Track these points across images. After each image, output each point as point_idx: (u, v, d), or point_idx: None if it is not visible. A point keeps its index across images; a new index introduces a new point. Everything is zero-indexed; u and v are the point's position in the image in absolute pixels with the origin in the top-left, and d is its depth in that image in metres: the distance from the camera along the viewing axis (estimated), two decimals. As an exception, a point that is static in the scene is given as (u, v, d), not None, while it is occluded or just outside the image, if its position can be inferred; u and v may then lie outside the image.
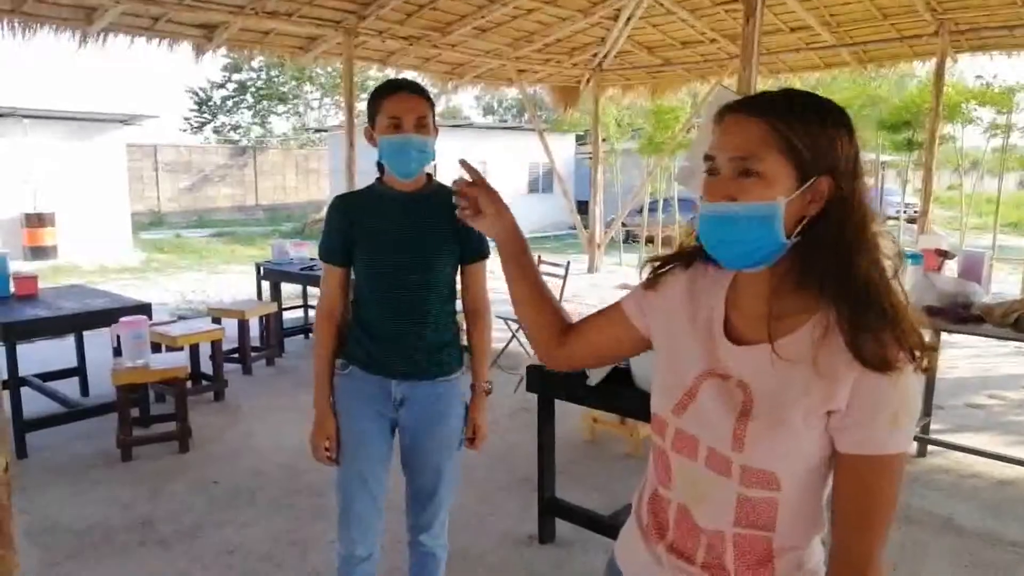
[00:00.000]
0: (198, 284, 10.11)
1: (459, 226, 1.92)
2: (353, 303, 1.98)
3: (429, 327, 1.91)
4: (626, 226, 13.89)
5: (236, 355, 5.49)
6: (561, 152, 17.80)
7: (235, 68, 28.61)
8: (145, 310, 4.21)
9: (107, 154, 13.84)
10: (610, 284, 9.87)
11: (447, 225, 1.88)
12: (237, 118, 30.84)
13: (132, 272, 11.48)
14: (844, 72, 9.13)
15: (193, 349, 4.80)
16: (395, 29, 7.48)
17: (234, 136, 30.29)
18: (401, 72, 8.47)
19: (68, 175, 13.13)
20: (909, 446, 0.92)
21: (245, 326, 5.41)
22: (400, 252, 1.87)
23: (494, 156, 18.70)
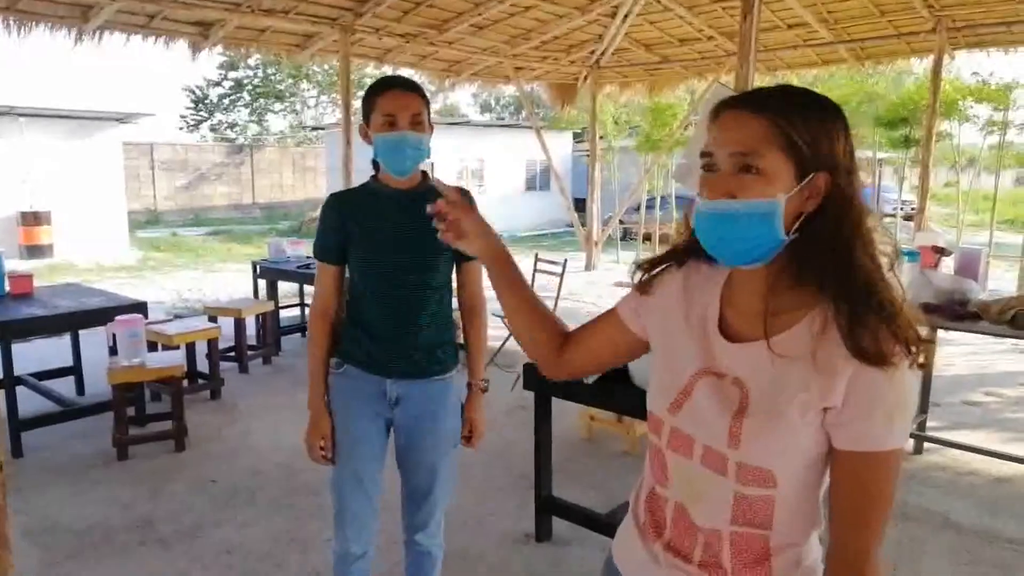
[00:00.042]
0: (194, 283, 10.09)
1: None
2: (349, 302, 1.97)
3: (427, 326, 1.91)
4: (623, 224, 13.89)
5: (232, 354, 5.49)
6: (558, 150, 17.79)
7: (231, 66, 28.54)
8: (141, 309, 4.21)
9: (103, 152, 13.80)
10: (607, 282, 9.87)
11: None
12: (234, 116, 30.81)
13: (128, 271, 11.46)
14: (841, 69, 9.14)
15: (189, 348, 4.80)
16: (392, 26, 7.46)
17: (231, 134, 30.24)
18: (398, 69, 8.45)
19: (64, 173, 13.10)
20: (905, 442, 0.92)
21: (241, 324, 5.40)
22: (399, 252, 1.86)
23: (491, 154, 18.69)
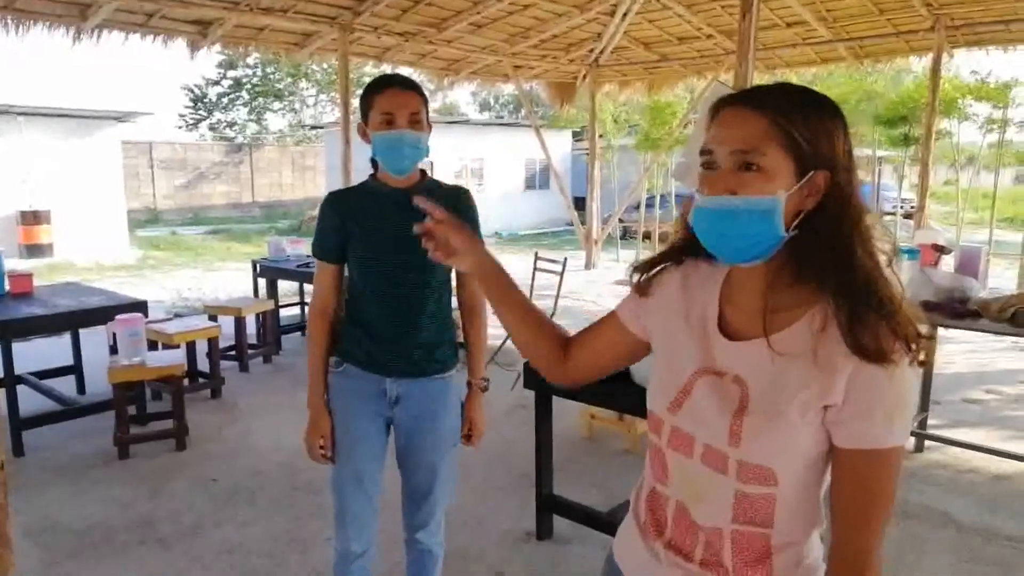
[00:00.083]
0: (194, 281, 10.08)
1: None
2: (348, 301, 1.96)
3: (427, 325, 1.91)
4: (623, 222, 13.88)
5: (233, 353, 5.49)
6: (558, 148, 17.78)
7: (230, 65, 28.50)
8: (141, 308, 4.21)
9: (103, 151, 13.79)
10: (607, 280, 9.87)
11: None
12: (233, 115, 30.76)
13: (128, 270, 11.46)
14: (840, 67, 9.13)
15: (190, 347, 4.81)
16: (391, 25, 7.45)
17: (230, 133, 30.20)
18: (397, 68, 8.44)
19: (64, 172, 13.08)
20: (906, 440, 0.92)
21: (242, 323, 5.40)
22: (398, 250, 1.85)
23: (491, 152, 18.67)
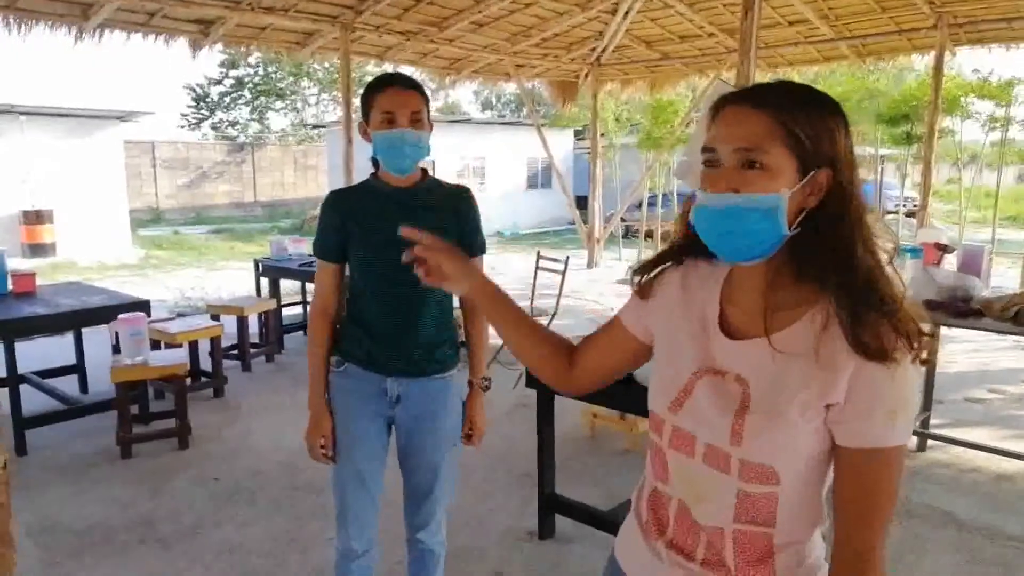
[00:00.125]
0: (197, 281, 10.09)
1: (455, 220, 1.91)
2: (349, 300, 1.96)
3: (428, 324, 1.90)
4: (625, 221, 13.87)
5: (235, 352, 5.49)
6: (560, 147, 17.77)
7: (232, 64, 28.54)
8: (144, 307, 4.22)
9: (105, 151, 13.80)
10: (609, 279, 9.87)
11: (443, 220, 1.88)
12: (235, 114, 30.81)
13: (131, 269, 11.47)
14: (843, 66, 9.11)
15: (192, 346, 4.81)
16: (392, 24, 7.45)
17: (232, 132, 30.24)
18: (399, 67, 8.44)
19: (66, 172, 13.10)
20: (908, 439, 0.92)
21: (244, 323, 5.40)
22: (400, 250, 1.84)
23: (492, 152, 18.66)
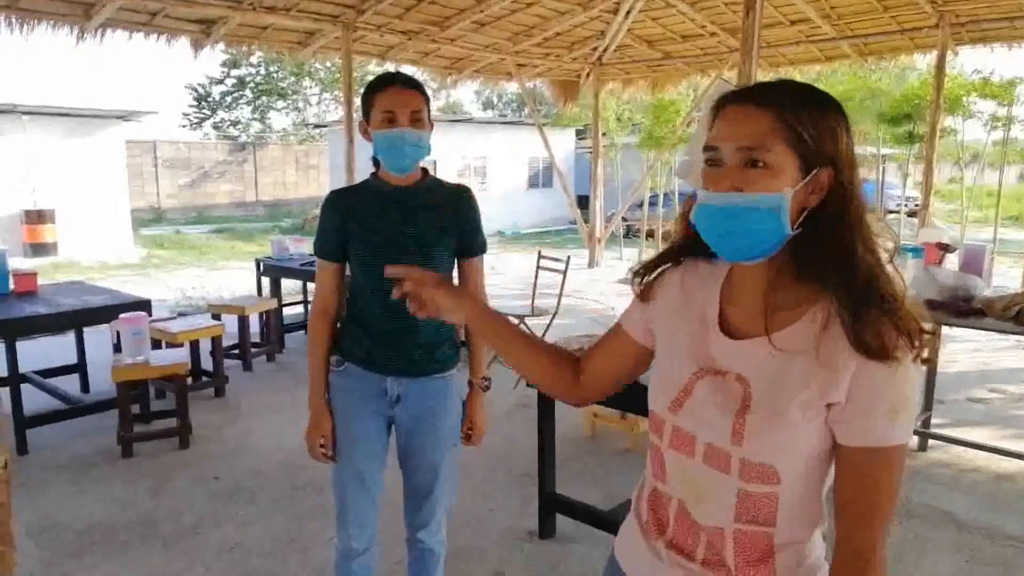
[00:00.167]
0: (198, 280, 10.10)
1: (455, 220, 1.91)
2: (349, 300, 1.96)
3: (428, 324, 1.89)
4: (626, 221, 13.86)
5: (236, 351, 5.50)
6: (561, 147, 17.77)
7: (234, 64, 28.55)
8: (145, 306, 4.22)
9: (106, 150, 13.81)
10: (610, 279, 9.85)
11: (444, 220, 1.88)
12: (236, 114, 30.81)
13: (132, 268, 11.48)
14: (844, 65, 9.10)
15: (193, 345, 4.81)
16: (394, 24, 7.45)
17: (233, 132, 30.24)
18: (400, 67, 8.44)
19: (68, 172, 13.11)
20: (909, 438, 0.92)
21: (245, 322, 5.41)
22: (399, 249, 1.85)
23: (494, 151, 18.66)
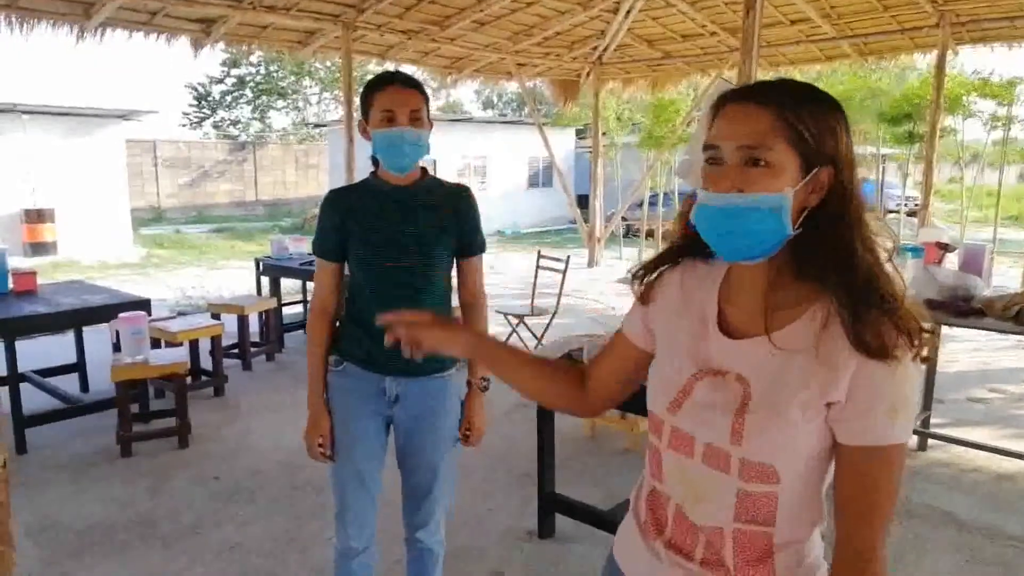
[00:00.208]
0: (198, 280, 10.09)
1: (454, 219, 1.91)
2: (348, 299, 1.96)
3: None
4: (626, 220, 13.85)
5: (236, 351, 5.49)
6: (561, 146, 17.76)
7: (234, 63, 28.53)
8: (144, 306, 4.22)
9: (106, 150, 13.80)
10: (610, 278, 9.84)
11: (443, 219, 1.88)
12: (236, 113, 30.78)
13: (132, 268, 11.48)
14: (844, 65, 9.10)
15: (193, 345, 4.81)
16: (394, 23, 7.45)
17: (233, 131, 30.22)
18: (400, 66, 8.43)
19: (67, 171, 13.10)
20: (909, 437, 0.92)
21: (245, 322, 5.40)
22: (398, 248, 1.85)
23: (494, 151, 18.66)
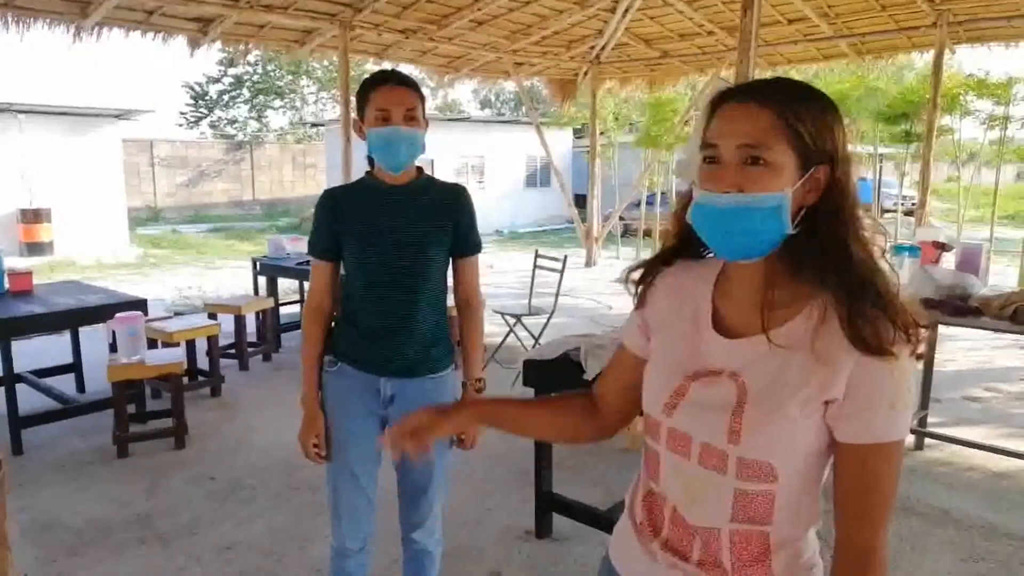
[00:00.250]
0: (195, 279, 10.08)
1: (450, 219, 1.90)
2: (343, 299, 1.95)
3: (422, 324, 1.89)
4: (624, 220, 13.87)
5: (232, 351, 5.49)
6: (559, 146, 17.76)
7: (231, 62, 28.48)
8: (141, 306, 4.21)
9: (103, 149, 13.77)
10: (607, 278, 9.85)
11: (439, 218, 1.87)
12: (233, 113, 30.74)
13: (129, 268, 11.46)
14: (842, 64, 9.10)
15: (189, 345, 4.80)
16: (391, 22, 7.44)
17: (230, 131, 30.18)
18: (397, 65, 8.43)
19: (64, 170, 13.07)
20: (907, 433, 0.92)
21: (241, 321, 5.40)
22: (394, 248, 1.84)
23: (491, 150, 18.66)
